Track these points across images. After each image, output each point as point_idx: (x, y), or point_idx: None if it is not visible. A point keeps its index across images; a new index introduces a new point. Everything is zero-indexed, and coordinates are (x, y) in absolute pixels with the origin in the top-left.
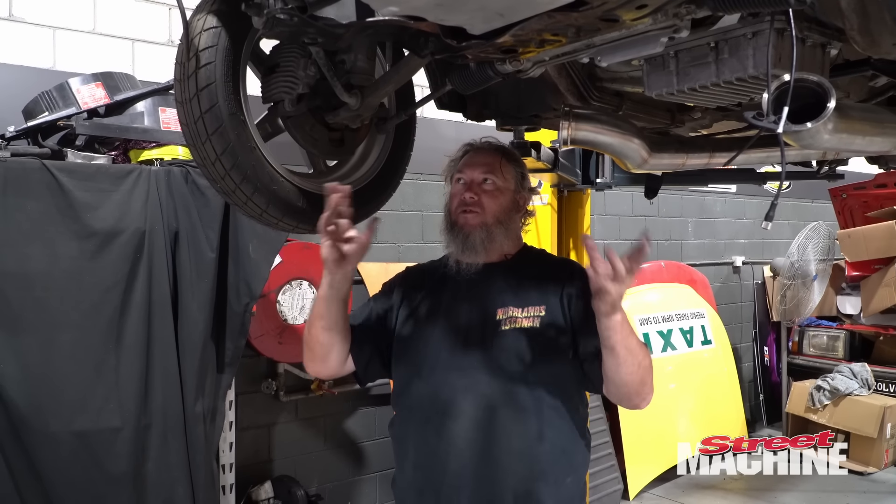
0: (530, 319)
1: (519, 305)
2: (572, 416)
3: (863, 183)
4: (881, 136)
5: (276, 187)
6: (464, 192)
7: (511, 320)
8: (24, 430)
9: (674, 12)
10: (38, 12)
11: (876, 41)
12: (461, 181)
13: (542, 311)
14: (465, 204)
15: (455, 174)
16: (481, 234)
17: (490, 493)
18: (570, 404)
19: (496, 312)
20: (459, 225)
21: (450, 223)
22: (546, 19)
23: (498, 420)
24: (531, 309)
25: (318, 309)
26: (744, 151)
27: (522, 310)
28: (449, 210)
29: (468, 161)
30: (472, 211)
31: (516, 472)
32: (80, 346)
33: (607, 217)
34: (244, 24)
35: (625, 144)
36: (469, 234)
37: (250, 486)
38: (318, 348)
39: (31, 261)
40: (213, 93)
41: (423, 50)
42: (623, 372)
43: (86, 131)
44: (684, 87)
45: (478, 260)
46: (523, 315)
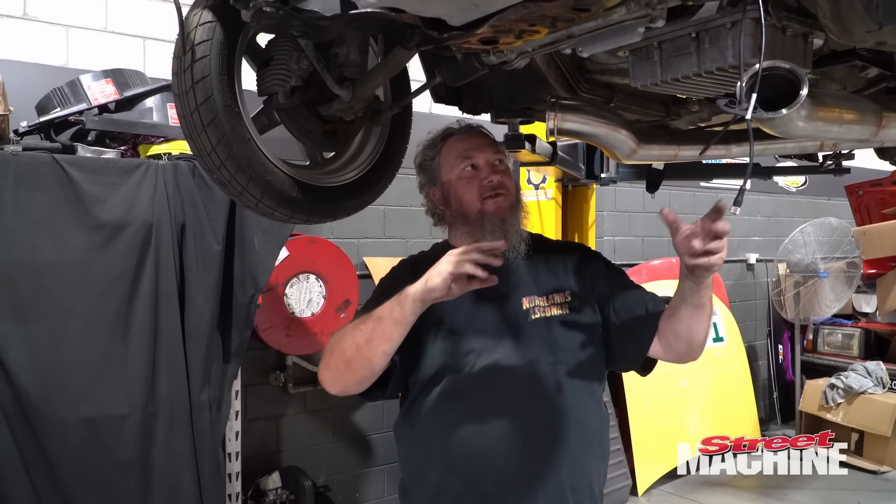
0: (557, 307)
1: (542, 294)
2: (601, 401)
3: (879, 180)
4: (859, 123)
5: (270, 178)
6: (486, 175)
7: (538, 309)
8: (34, 416)
9: (646, 1)
10: (51, 11)
11: (849, 29)
12: (472, 167)
13: (568, 297)
14: (492, 188)
15: (460, 161)
16: (513, 217)
17: (548, 490)
18: (600, 389)
19: (521, 302)
20: (491, 212)
21: (476, 214)
22: (521, 9)
23: (542, 414)
24: (555, 296)
25: (387, 331)
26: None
27: (547, 298)
28: (462, 201)
29: (470, 144)
30: (501, 194)
31: (568, 464)
32: (89, 336)
33: (618, 213)
34: (238, 19)
35: (611, 135)
36: (505, 220)
37: (258, 477)
38: (365, 371)
39: (41, 252)
40: (209, 85)
41: (409, 42)
42: (704, 327)
43: (96, 126)
44: (668, 78)
45: (515, 246)
46: (549, 303)
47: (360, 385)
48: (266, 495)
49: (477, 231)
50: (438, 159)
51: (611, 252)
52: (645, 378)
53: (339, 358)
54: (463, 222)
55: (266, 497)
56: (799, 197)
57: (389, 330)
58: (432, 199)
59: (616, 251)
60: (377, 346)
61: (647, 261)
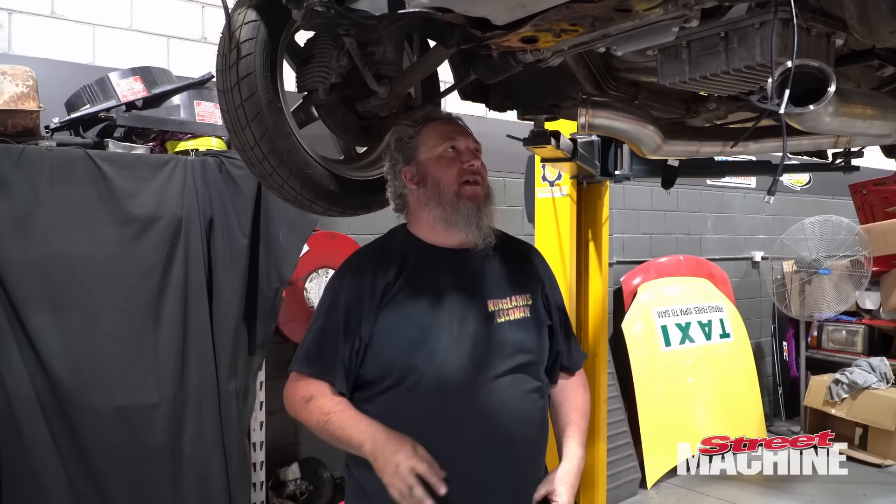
0: (520, 310)
1: (505, 296)
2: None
3: (883, 179)
4: (881, 119)
5: (309, 171)
6: (468, 159)
7: (502, 312)
8: (69, 404)
9: (683, 2)
10: (78, 10)
11: (874, 30)
12: (453, 148)
13: (529, 300)
14: (472, 173)
15: (442, 141)
16: (486, 208)
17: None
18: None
19: (487, 305)
20: (467, 197)
21: (452, 195)
22: (564, 10)
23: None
24: (517, 298)
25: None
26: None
27: (510, 299)
28: (439, 181)
29: (453, 128)
30: (479, 182)
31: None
32: (121, 326)
33: (626, 211)
34: (281, 18)
35: (640, 130)
36: (480, 208)
37: (278, 468)
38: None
39: (74, 245)
40: (253, 82)
41: (450, 40)
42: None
43: (126, 123)
44: (696, 76)
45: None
46: (512, 305)
47: None
48: (286, 486)
49: (451, 214)
50: (418, 138)
51: (619, 249)
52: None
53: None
54: (437, 203)
55: (286, 487)
56: (804, 196)
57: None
58: (403, 178)
59: (625, 248)
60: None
61: (655, 258)
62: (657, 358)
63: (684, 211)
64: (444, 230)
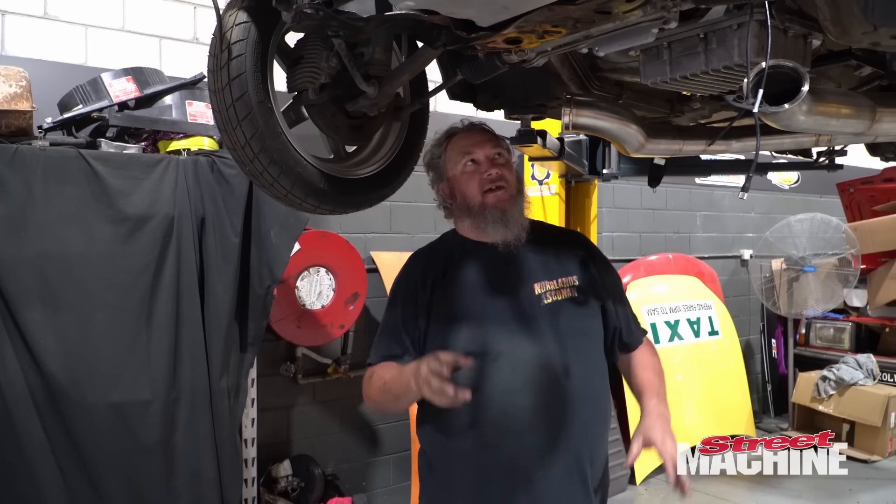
0: (567, 290)
1: (551, 278)
2: (607, 378)
3: (870, 177)
4: (856, 118)
5: (300, 170)
6: (486, 169)
7: (550, 293)
8: (63, 401)
9: (661, 5)
10: (71, 11)
11: (847, 31)
12: (472, 161)
13: (576, 282)
14: (492, 181)
15: (461, 157)
16: (514, 207)
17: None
18: (605, 369)
19: (533, 288)
20: (492, 205)
21: (478, 206)
22: (547, 12)
23: (562, 393)
24: (563, 280)
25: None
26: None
27: (556, 282)
28: (465, 194)
29: (471, 141)
30: (501, 186)
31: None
32: (115, 324)
33: (616, 210)
34: (271, 19)
35: (623, 129)
36: (506, 211)
37: (270, 465)
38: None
39: (69, 243)
40: (244, 82)
41: (436, 42)
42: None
43: (118, 123)
44: (677, 76)
45: (518, 234)
46: (560, 286)
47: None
48: (277, 482)
49: (480, 221)
50: (444, 157)
51: (609, 248)
52: None
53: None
54: (467, 214)
55: (277, 484)
56: (792, 194)
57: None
58: (442, 194)
59: (614, 247)
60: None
61: (645, 256)
62: None
63: (673, 209)
64: (481, 233)
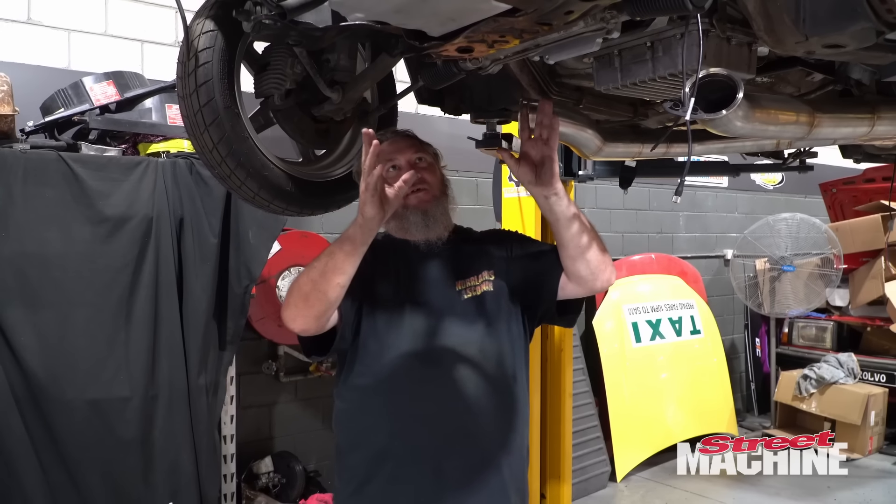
0: (486, 283)
1: (472, 274)
2: (526, 368)
3: (852, 178)
4: (794, 123)
5: (266, 173)
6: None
7: (469, 289)
8: (42, 397)
9: (600, 17)
10: (54, 15)
11: (781, 40)
12: (394, 167)
13: (492, 275)
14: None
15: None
16: (436, 208)
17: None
18: (525, 358)
19: (454, 285)
20: (413, 206)
21: (400, 207)
22: (492, 23)
23: (480, 384)
24: (483, 274)
25: (339, 264)
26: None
27: (476, 277)
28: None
29: (393, 148)
30: (422, 189)
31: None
32: (94, 322)
33: (598, 210)
34: (238, 28)
35: (578, 133)
36: (427, 212)
37: (252, 461)
38: (321, 304)
39: (49, 244)
40: (211, 88)
41: (394, 50)
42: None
43: (98, 126)
44: (627, 82)
45: (440, 234)
46: (479, 281)
47: (317, 320)
48: (259, 478)
49: (403, 222)
50: None
51: None
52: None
53: (298, 295)
54: (392, 216)
55: (259, 480)
56: (776, 194)
57: (342, 262)
58: None
59: None
60: (331, 279)
61: (627, 256)
62: (627, 354)
63: (656, 210)
64: (405, 233)
